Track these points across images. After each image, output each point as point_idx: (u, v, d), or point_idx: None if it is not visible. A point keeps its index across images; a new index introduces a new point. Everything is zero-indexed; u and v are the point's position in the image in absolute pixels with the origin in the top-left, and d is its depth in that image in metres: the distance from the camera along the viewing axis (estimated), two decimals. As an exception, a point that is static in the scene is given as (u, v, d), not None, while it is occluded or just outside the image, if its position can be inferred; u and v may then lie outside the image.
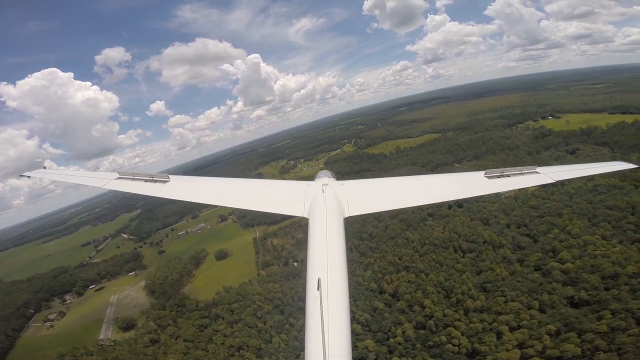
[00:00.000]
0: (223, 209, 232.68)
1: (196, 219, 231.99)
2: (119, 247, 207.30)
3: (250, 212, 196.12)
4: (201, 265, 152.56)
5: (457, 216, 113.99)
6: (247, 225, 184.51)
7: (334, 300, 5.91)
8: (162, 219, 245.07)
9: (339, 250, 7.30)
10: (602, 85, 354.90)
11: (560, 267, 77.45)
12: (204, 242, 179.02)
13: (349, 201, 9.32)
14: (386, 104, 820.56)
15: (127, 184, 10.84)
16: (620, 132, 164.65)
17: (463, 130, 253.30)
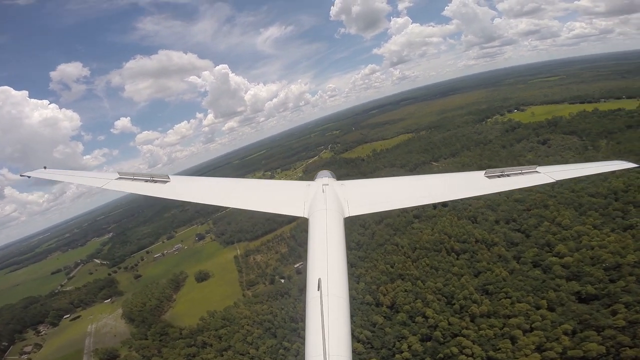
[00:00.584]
0: (199, 228, 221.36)
1: (172, 240, 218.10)
2: (92, 274, 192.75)
3: (229, 229, 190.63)
4: (181, 288, 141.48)
5: (444, 216, 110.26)
6: (226, 242, 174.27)
7: (334, 300, 5.78)
8: (135, 241, 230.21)
9: (339, 250, 7.04)
10: (557, 77, 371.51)
11: (560, 262, 74.20)
12: (182, 263, 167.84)
13: (349, 201, 9.10)
14: (358, 108, 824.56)
15: (127, 184, 10.55)
16: (585, 121, 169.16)
17: (435, 129, 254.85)
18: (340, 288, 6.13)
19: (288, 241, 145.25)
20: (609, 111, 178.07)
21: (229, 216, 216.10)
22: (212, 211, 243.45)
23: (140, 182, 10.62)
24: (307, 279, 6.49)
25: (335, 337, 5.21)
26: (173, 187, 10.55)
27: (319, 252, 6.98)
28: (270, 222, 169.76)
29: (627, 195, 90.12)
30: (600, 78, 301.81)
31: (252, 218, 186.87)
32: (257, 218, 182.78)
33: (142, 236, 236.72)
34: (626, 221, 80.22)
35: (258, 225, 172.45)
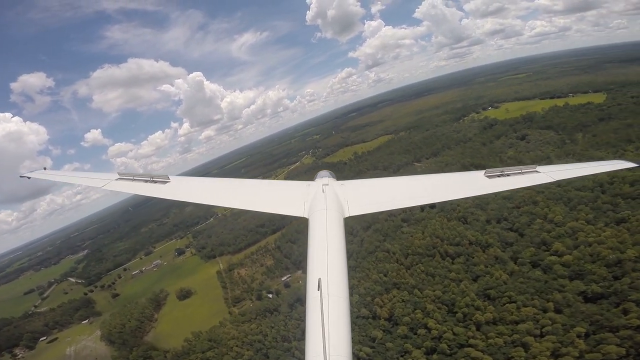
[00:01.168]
0: (178, 242, 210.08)
1: (150, 255, 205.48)
2: (67, 293, 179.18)
3: (210, 242, 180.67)
4: (162, 307, 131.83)
5: (433, 218, 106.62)
6: (208, 257, 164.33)
7: (334, 300, 5.74)
8: (112, 258, 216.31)
9: (339, 250, 7.00)
10: (524, 74, 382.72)
11: (560, 261, 71.11)
12: (162, 280, 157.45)
13: (349, 201, 8.96)
14: (337, 112, 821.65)
15: (127, 184, 10.39)
16: (558, 116, 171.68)
17: (414, 129, 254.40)
18: (340, 288, 6.02)
19: (273, 253, 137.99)
20: (580, 105, 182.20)
21: (209, 229, 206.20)
22: (191, 224, 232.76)
23: (140, 182, 10.44)
24: (307, 279, 6.38)
25: (335, 337, 5.15)
26: (173, 187, 10.42)
27: (319, 252, 6.87)
28: (253, 234, 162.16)
29: (613, 188, 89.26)
30: (564, 74, 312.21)
31: (234, 230, 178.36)
32: (239, 230, 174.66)
33: (119, 253, 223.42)
34: (617, 214, 78.67)
35: (240, 237, 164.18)
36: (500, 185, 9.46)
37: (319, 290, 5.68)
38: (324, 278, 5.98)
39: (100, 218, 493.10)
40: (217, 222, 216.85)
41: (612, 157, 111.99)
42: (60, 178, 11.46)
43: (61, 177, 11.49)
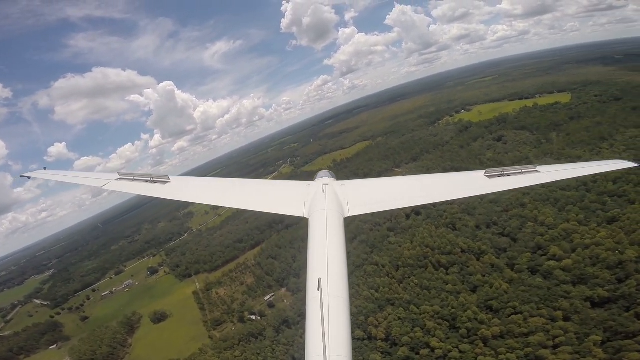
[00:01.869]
0: (151, 261, 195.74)
1: (121, 275, 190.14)
2: (32, 316, 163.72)
3: (184, 260, 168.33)
4: (136, 331, 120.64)
5: (420, 226, 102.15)
6: (183, 275, 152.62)
7: (334, 300, 5.67)
8: (80, 278, 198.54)
9: (339, 250, 6.88)
10: (490, 77, 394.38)
11: (559, 266, 67.80)
12: (134, 302, 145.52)
13: (349, 201, 8.88)
14: (314, 119, 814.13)
15: (128, 184, 10.22)
16: (530, 116, 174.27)
17: (391, 134, 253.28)
18: (340, 288, 5.96)
19: (253, 270, 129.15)
20: (548, 105, 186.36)
21: (183, 246, 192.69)
22: (164, 241, 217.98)
23: (140, 182, 10.25)
24: (307, 279, 6.30)
25: (335, 337, 5.09)
26: (173, 187, 10.19)
27: (319, 252, 6.80)
28: (231, 250, 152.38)
29: (597, 186, 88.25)
30: (527, 76, 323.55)
31: (210, 246, 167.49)
32: (215, 246, 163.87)
33: (87, 272, 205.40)
34: (607, 213, 76.93)
35: (217, 254, 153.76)
36: (501, 185, 9.32)
37: (319, 290, 5.60)
38: (324, 278, 5.87)
39: (68, 236, 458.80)
40: (191, 238, 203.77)
41: (589, 155, 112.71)
42: (61, 178, 11.33)
43: (61, 177, 11.36)
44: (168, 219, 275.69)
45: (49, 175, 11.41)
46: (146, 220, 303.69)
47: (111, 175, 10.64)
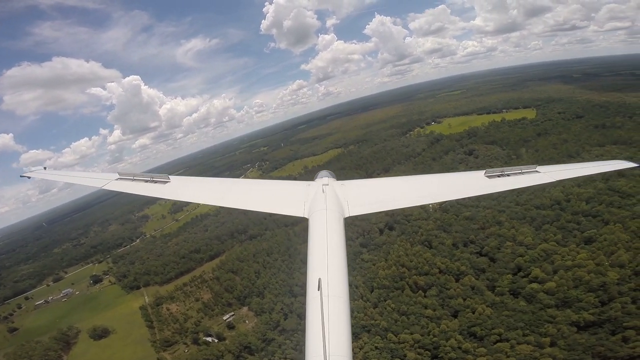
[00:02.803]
0: (95, 268, 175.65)
1: (60, 282, 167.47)
2: None
3: (132, 270, 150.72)
4: (73, 347, 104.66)
5: (395, 242, 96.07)
6: (130, 287, 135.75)
7: (334, 300, 5.68)
8: (11, 284, 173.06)
9: (339, 251, 6.87)
10: (459, 91, 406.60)
11: (542, 288, 63.86)
12: (72, 313, 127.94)
13: (349, 201, 8.85)
14: (286, 123, 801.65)
15: (128, 184, 10.17)
16: (499, 131, 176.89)
17: (363, 143, 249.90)
18: (340, 288, 5.96)
19: (211, 285, 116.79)
20: (516, 120, 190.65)
21: (133, 253, 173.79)
22: (113, 246, 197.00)
23: (140, 182, 10.21)
24: (307, 279, 6.31)
25: (335, 337, 5.09)
26: (173, 187, 10.15)
27: (319, 252, 6.79)
28: (186, 261, 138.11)
29: (570, 205, 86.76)
30: (494, 91, 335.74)
31: (162, 255, 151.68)
32: (168, 255, 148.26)
33: (21, 277, 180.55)
34: (583, 234, 74.74)
35: (170, 264, 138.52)
36: (501, 185, 9.22)
37: (319, 290, 5.59)
38: (324, 278, 5.86)
39: (6, 235, 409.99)
40: (143, 245, 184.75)
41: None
42: (61, 177, 11.39)
43: (61, 177, 11.39)
44: (120, 221, 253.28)
45: (48, 175, 11.39)
46: (96, 222, 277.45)
47: (111, 175, 10.54)
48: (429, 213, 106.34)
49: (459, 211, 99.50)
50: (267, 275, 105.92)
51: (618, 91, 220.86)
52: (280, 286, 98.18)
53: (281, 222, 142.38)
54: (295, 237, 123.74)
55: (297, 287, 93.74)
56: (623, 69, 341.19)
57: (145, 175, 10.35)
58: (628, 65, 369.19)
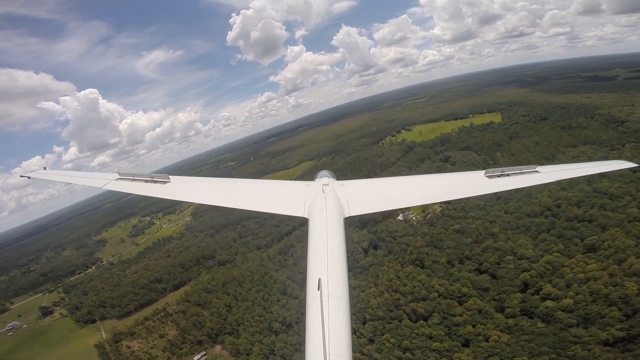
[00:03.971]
0: (45, 298, 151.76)
1: (5, 314, 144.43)
2: None
3: (87, 301, 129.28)
4: None
5: (383, 264, 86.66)
6: (84, 320, 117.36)
7: (335, 300, 5.62)
8: None
9: (339, 251, 6.81)
10: (423, 99, 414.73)
11: (558, 306, 57.10)
12: (20, 349, 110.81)
13: (349, 201, 8.75)
14: (255, 137, 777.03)
15: (128, 184, 10.12)
16: (471, 136, 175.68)
17: (336, 154, 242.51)
18: (340, 288, 5.90)
19: (176, 319, 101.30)
20: (484, 125, 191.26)
21: (87, 282, 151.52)
22: (65, 274, 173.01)
23: (140, 182, 10.15)
24: (307, 279, 6.23)
25: (335, 337, 5.04)
26: (173, 187, 10.06)
27: (319, 252, 6.73)
28: (147, 291, 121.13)
29: (561, 211, 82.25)
30: (456, 97, 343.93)
31: (120, 285, 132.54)
32: (126, 285, 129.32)
33: None
34: (584, 241, 69.52)
35: (129, 295, 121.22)
36: (501, 185, 9.15)
37: (319, 290, 5.55)
38: (324, 278, 5.81)
39: None
40: (98, 273, 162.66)
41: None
42: (61, 178, 11.21)
43: (61, 177, 11.22)
44: (75, 245, 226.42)
45: (48, 175, 11.18)
46: (49, 246, 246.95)
47: (111, 175, 10.38)
48: (415, 228, 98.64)
49: (447, 224, 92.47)
50: (241, 309, 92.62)
51: (572, 93, 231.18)
52: (256, 322, 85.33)
53: (253, 245, 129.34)
54: (270, 261, 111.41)
55: (276, 323, 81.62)
56: (569, 72, 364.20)
57: (145, 175, 10.24)
58: (573, 68, 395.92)
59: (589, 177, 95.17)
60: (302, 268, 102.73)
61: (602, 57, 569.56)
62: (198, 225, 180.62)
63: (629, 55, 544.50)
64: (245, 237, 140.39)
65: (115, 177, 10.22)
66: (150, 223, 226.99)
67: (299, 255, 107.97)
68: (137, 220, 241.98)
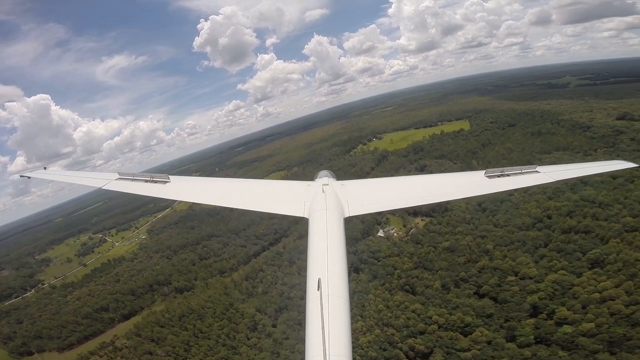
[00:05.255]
0: None
1: None
2: None
3: (20, 330, 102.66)
4: None
5: (369, 291, 75.59)
6: (18, 353, 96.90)
7: (334, 300, 5.60)
8: None
9: (339, 251, 6.75)
10: (391, 108, 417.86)
11: (578, 331, 50.24)
12: None
13: (349, 201, 8.67)
14: (222, 146, 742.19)
15: (128, 184, 10.09)
16: (443, 144, 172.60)
17: (308, 163, 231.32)
18: (340, 288, 5.89)
19: (127, 354, 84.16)
20: (455, 132, 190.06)
21: (23, 309, 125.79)
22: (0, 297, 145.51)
23: (141, 182, 10.11)
24: (307, 279, 6.20)
25: (335, 337, 5.03)
26: (173, 187, 9.95)
27: (319, 252, 6.69)
28: (91, 321, 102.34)
29: (554, 222, 76.73)
30: (422, 106, 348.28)
31: (60, 313, 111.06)
32: (68, 313, 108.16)
33: None
34: (589, 255, 63.54)
35: (70, 325, 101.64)
36: (501, 185, 9.07)
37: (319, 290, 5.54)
38: (324, 278, 5.80)
39: None
40: (37, 298, 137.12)
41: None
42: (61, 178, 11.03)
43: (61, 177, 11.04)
44: (15, 265, 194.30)
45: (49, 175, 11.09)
46: None
47: (111, 175, 10.30)
48: (399, 246, 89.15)
49: (435, 241, 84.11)
50: (202, 349, 77.37)
51: (532, 100, 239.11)
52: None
53: (215, 269, 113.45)
54: (236, 289, 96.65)
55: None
56: (524, 80, 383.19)
57: (145, 175, 10.24)
58: (527, 76, 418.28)
59: (571, 184, 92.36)
60: (274, 298, 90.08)
61: (551, 66, 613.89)
62: (153, 244, 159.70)
63: (575, 63, 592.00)
64: (206, 259, 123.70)
65: (116, 176, 10.15)
66: (102, 241, 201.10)
67: (270, 282, 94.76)
68: (88, 238, 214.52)
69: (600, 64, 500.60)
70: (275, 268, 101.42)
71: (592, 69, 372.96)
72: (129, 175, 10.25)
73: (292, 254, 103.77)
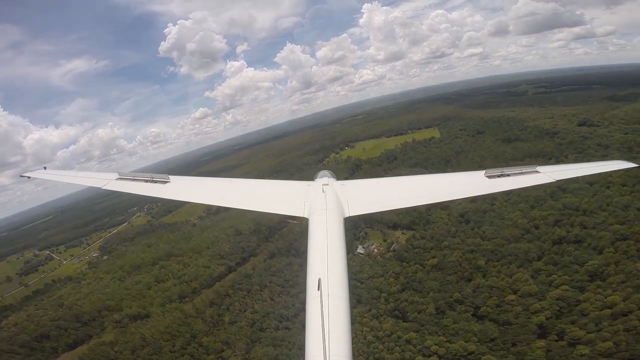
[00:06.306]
0: None
1: None
2: None
3: None
4: None
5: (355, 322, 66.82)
6: None
7: (334, 300, 5.59)
8: None
9: (339, 251, 6.74)
10: (361, 116, 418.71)
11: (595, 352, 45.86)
12: None
13: (349, 201, 8.63)
14: (188, 155, 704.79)
15: (128, 184, 9.86)
16: (416, 152, 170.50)
17: (279, 173, 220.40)
18: (340, 288, 5.88)
19: None
20: (426, 140, 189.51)
21: None
22: None
23: (140, 182, 9.89)
24: (307, 279, 6.18)
25: (335, 337, 5.02)
26: (173, 187, 9.81)
27: (319, 252, 6.67)
28: (28, 350, 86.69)
29: (542, 233, 73.38)
30: (391, 115, 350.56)
31: (13, 338, 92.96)
32: (0, 342, 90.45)
33: None
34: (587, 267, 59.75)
35: (5, 353, 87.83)
36: (501, 185, 9.03)
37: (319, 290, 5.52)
38: (324, 278, 5.79)
39: None
40: None
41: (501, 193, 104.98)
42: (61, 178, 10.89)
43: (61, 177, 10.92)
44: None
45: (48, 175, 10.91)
46: None
47: (111, 175, 10.14)
48: (383, 265, 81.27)
49: (421, 258, 77.53)
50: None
51: (495, 108, 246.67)
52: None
53: (174, 293, 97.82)
54: (198, 318, 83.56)
55: None
56: (485, 89, 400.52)
57: (145, 175, 10.11)
58: (487, 86, 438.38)
59: (550, 192, 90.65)
60: (244, 330, 78.31)
61: (507, 75, 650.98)
62: (104, 264, 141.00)
63: (530, 72, 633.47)
64: (163, 281, 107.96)
65: (115, 176, 10.02)
66: (48, 258, 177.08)
67: (238, 310, 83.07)
68: (33, 254, 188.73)
69: (550, 72, 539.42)
70: (244, 293, 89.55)
71: (544, 78, 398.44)
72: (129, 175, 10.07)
73: (263, 276, 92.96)
